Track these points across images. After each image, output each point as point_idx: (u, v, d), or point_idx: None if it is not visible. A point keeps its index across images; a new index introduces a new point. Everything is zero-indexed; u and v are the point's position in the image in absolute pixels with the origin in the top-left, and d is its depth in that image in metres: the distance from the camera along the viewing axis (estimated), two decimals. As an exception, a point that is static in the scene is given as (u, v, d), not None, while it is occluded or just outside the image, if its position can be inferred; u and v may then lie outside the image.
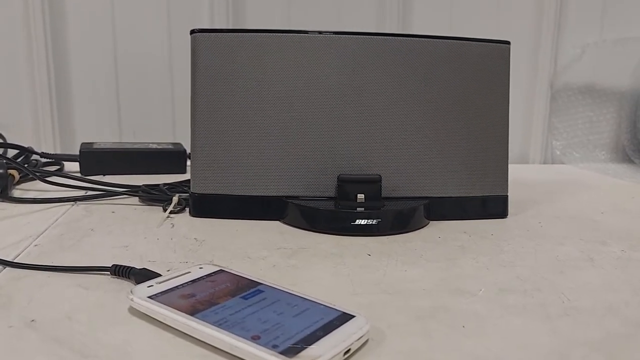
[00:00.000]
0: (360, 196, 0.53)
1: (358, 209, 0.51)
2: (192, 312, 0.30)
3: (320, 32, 0.53)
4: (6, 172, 0.61)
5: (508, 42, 0.56)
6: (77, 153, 0.74)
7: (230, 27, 0.88)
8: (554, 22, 0.95)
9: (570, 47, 0.97)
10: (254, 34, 0.52)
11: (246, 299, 0.32)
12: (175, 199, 0.56)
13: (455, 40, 0.54)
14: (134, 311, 0.33)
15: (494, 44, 0.55)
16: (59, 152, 0.89)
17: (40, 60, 0.85)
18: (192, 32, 0.53)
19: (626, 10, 0.97)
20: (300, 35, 0.53)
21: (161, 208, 0.57)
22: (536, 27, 0.96)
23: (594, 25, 0.97)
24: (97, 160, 0.74)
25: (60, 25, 0.86)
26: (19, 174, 0.66)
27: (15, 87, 0.86)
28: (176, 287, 0.34)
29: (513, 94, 0.97)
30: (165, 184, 0.63)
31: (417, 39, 0.54)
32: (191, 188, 0.54)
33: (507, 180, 0.57)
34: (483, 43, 0.55)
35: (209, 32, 0.53)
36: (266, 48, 0.52)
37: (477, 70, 0.55)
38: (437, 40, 0.54)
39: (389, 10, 0.91)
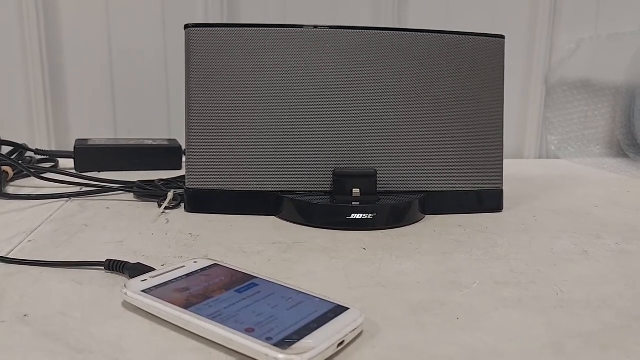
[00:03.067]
0: (356, 191, 0.53)
1: (353, 203, 0.51)
2: (186, 305, 0.30)
3: (315, 27, 0.53)
4: (0, 168, 0.61)
5: (503, 37, 0.56)
6: (72, 150, 0.74)
7: (225, 22, 0.88)
8: (549, 17, 0.95)
9: (565, 42, 0.97)
10: (249, 28, 0.52)
11: (240, 292, 0.32)
12: (170, 194, 0.56)
13: (451, 35, 0.54)
14: (128, 305, 0.33)
15: (489, 38, 0.55)
16: (53, 148, 0.88)
17: (35, 56, 0.85)
18: (187, 26, 0.53)
19: (621, 5, 0.97)
20: (296, 29, 0.52)
21: (156, 204, 0.57)
22: (531, 22, 0.96)
23: (588, 20, 0.97)
24: (92, 156, 0.74)
25: (54, 21, 0.85)
26: (13, 171, 0.65)
27: (9, 84, 0.86)
28: (170, 281, 0.34)
29: (508, 89, 0.97)
30: (160, 180, 0.63)
31: (413, 33, 0.54)
32: (186, 184, 0.54)
33: (502, 174, 0.57)
34: (478, 37, 0.55)
35: (204, 27, 0.52)
36: (261, 43, 0.52)
37: (472, 65, 0.55)
38: (433, 34, 0.54)
39: (384, 5, 0.91)
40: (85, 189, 0.61)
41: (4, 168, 0.63)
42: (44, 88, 0.86)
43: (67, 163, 0.77)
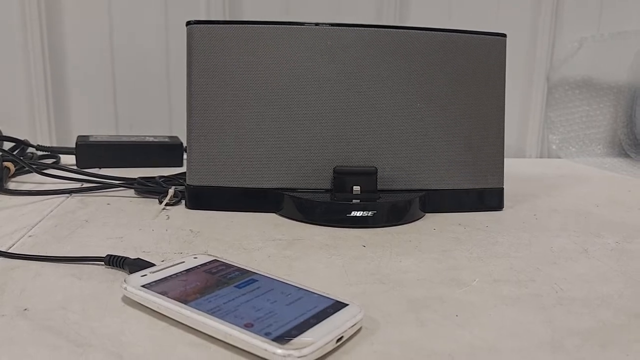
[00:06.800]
0: (356, 188, 0.53)
1: (354, 200, 0.51)
2: (186, 300, 0.30)
3: (317, 24, 0.53)
4: (1, 164, 0.61)
5: (504, 35, 0.56)
6: (73, 146, 0.74)
7: (227, 19, 0.88)
8: (551, 16, 0.95)
9: (567, 41, 0.97)
10: (250, 25, 0.52)
11: (240, 287, 0.32)
12: (171, 191, 0.56)
13: (452, 33, 0.54)
14: (127, 300, 0.33)
15: (491, 36, 0.55)
16: (55, 145, 0.89)
17: (36, 52, 0.85)
18: (188, 23, 0.53)
19: (623, 4, 0.97)
20: (297, 26, 0.52)
21: (157, 200, 0.57)
22: (533, 21, 0.96)
23: (591, 19, 0.97)
24: (93, 152, 0.74)
25: (56, 17, 0.85)
26: (15, 167, 0.65)
27: (11, 80, 0.86)
28: (170, 276, 0.34)
29: (510, 88, 0.97)
30: (161, 177, 0.63)
31: (414, 31, 0.54)
32: (187, 180, 0.54)
33: (502, 173, 0.57)
34: (479, 36, 0.55)
35: (205, 24, 0.52)
36: (262, 39, 0.52)
37: (473, 63, 0.55)
38: (434, 32, 0.54)
39: (386, 3, 0.91)
40: (86, 185, 0.61)
41: (6, 164, 0.63)
42: (46, 84, 0.86)
43: (68, 159, 0.78)
